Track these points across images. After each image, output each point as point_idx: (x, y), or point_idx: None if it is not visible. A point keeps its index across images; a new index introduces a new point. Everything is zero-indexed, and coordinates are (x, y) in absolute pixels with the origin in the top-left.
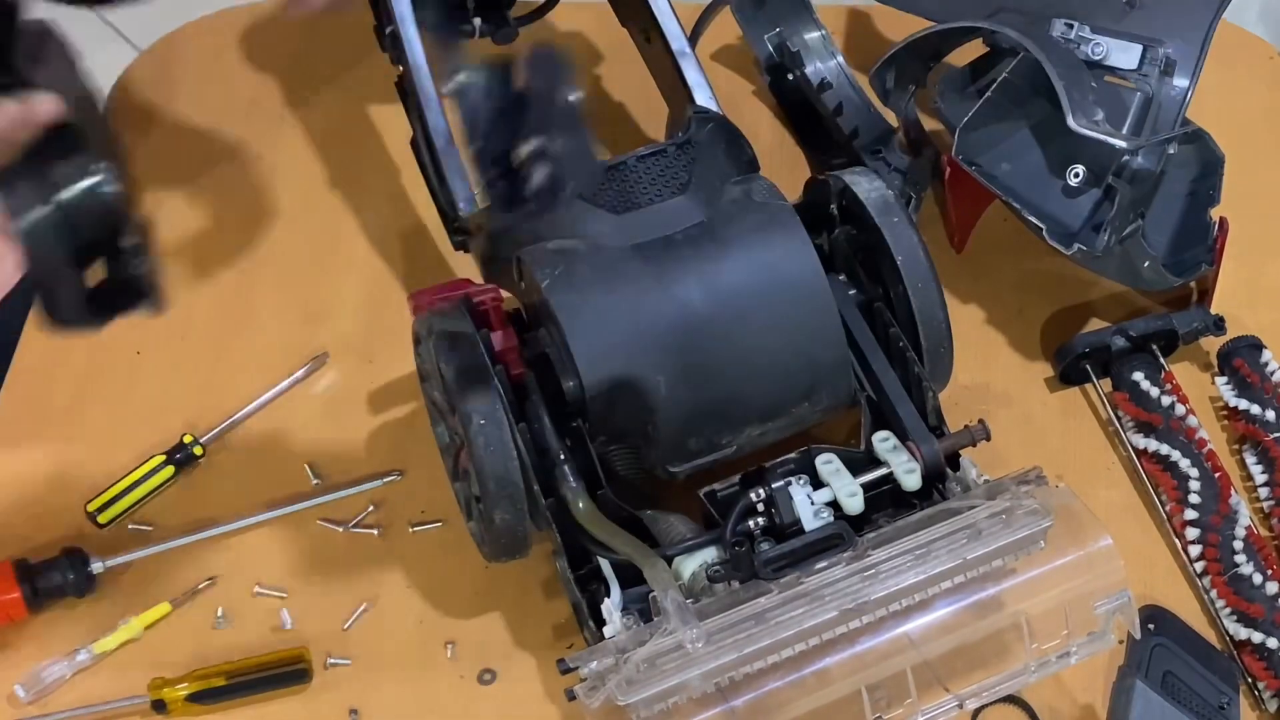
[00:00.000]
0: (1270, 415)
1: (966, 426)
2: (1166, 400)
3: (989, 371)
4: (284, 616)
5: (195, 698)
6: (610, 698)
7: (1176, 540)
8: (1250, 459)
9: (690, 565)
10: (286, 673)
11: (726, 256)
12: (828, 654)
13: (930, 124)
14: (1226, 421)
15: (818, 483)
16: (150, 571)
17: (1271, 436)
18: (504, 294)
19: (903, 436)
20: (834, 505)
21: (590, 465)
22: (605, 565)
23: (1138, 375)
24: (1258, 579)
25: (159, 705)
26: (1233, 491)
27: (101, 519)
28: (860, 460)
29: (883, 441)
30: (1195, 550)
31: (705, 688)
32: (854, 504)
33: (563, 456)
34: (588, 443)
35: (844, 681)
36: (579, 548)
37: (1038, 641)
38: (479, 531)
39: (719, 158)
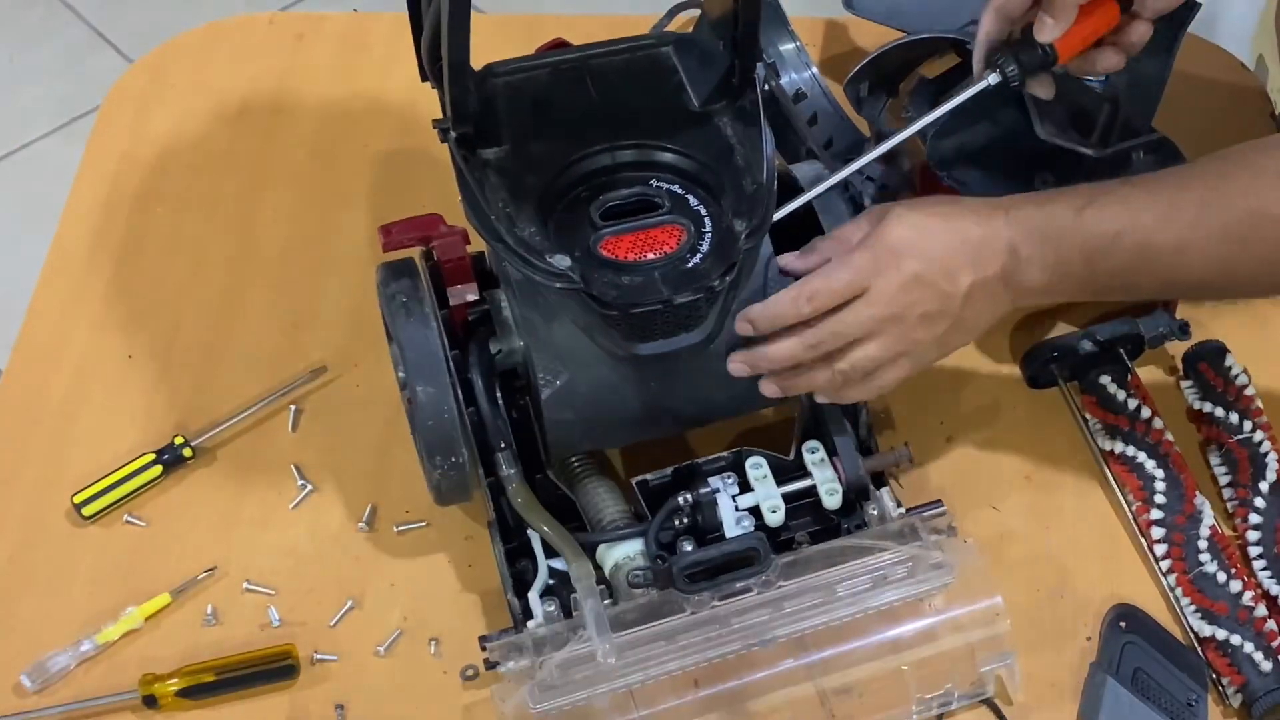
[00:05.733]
0: (1234, 418)
1: (892, 448)
2: (1133, 403)
3: (958, 376)
4: (272, 614)
5: (185, 693)
6: (523, 702)
7: (1142, 539)
8: (1214, 460)
9: (614, 556)
10: (274, 668)
11: (717, 385)
12: (731, 677)
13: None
14: (1191, 424)
15: (745, 484)
16: (146, 564)
17: (1235, 439)
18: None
19: (831, 451)
20: (756, 511)
21: (532, 446)
22: (535, 541)
23: (1105, 379)
24: (1221, 577)
25: (150, 700)
26: (1197, 492)
27: (86, 511)
28: (788, 467)
29: (812, 453)
30: (1161, 549)
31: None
32: (774, 519)
33: (503, 445)
34: (533, 420)
35: (741, 705)
36: (513, 521)
37: (921, 689)
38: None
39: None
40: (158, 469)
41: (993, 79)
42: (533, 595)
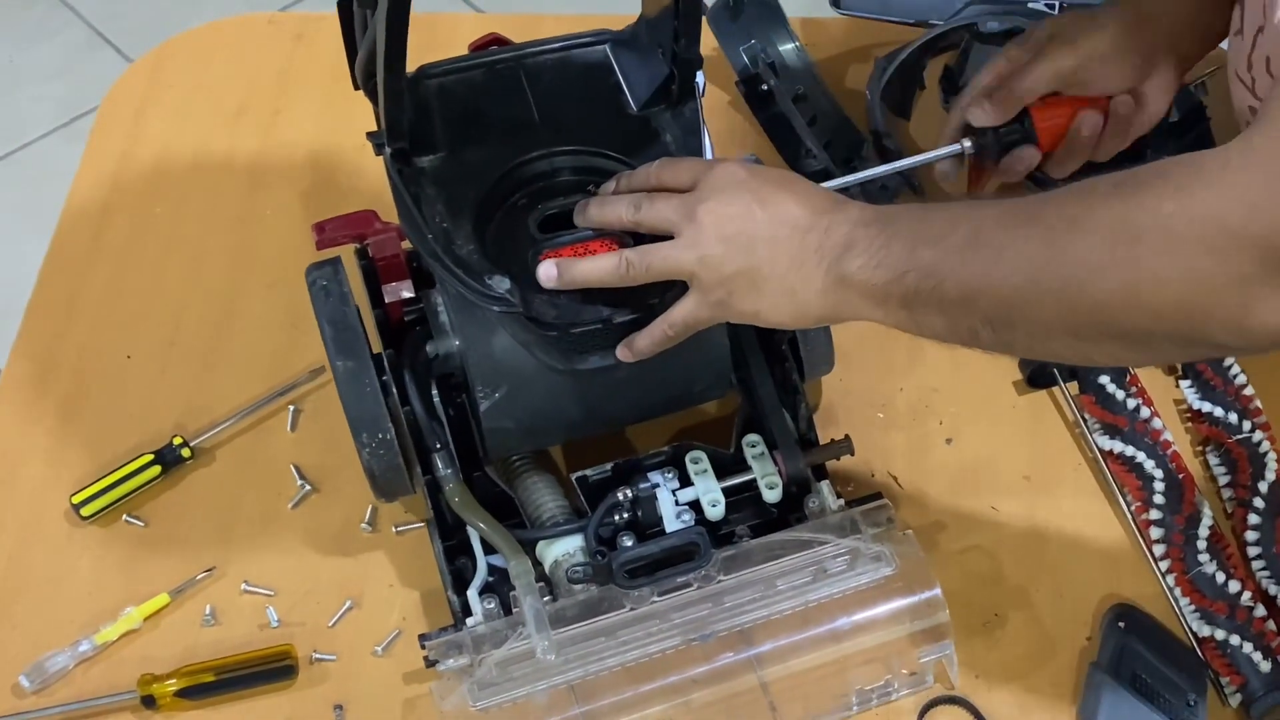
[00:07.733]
0: (1233, 418)
1: (833, 440)
2: (1132, 403)
3: (958, 375)
4: (271, 614)
5: (184, 693)
6: (462, 700)
7: (1141, 540)
8: (1213, 460)
9: (554, 552)
10: (273, 669)
11: (657, 389)
12: (671, 671)
13: (900, 132)
14: (1190, 424)
15: (685, 478)
16: (145, 565)
17: (1234, 439)
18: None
19: (771, 445)
20: (696, 506)
21: (471, 441)
22: (474, 538)
23: (1104, 379)
24: (1220, 577)
25: (149, 701)
26: (1196, 492)
27: (85, 511)
28: (728, 461)
29: (752, 447)
30: (1159, 549)
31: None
32: (715, 512)
33: (438, 445)
34: (470, 418)
35: (682, 699)
36: (451, 519)
37: (860, 681)
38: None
39: None
40: (156, 469)
41: (968, 145)
42: (472, 593)
